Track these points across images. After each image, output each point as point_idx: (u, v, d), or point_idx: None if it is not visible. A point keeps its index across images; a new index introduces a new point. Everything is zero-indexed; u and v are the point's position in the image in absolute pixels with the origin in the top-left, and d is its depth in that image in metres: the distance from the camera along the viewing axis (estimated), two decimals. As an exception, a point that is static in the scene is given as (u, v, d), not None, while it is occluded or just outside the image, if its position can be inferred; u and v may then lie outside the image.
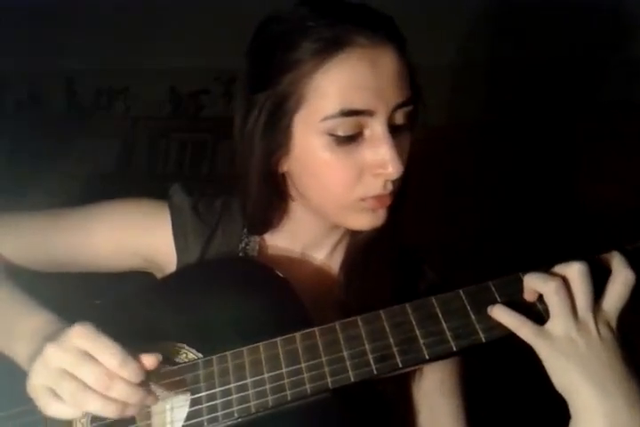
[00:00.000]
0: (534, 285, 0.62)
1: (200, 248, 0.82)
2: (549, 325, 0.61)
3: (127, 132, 2.41)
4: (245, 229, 0.83)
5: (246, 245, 0.82)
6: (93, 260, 0.83)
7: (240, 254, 0.82)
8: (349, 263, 0.81)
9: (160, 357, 0.63)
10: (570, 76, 1.94)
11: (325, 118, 0.66)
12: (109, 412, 0.60)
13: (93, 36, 2.28)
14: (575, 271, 0.60)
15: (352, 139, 0.67)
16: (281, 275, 0.73)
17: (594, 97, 1.91)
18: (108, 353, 0.60)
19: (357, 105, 0.65)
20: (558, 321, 0.60)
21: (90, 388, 0.59)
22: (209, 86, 2.36)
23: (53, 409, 0.60)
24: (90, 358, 0.60)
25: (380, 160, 0.68)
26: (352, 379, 0.62)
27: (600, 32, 1.89)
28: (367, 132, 0.68)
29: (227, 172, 2.23)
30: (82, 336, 0.60)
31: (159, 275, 0.85)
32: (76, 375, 0.59)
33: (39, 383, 0.60)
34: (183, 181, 0.87)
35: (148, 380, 0.63)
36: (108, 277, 0.86)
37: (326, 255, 0.83)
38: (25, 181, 2.12)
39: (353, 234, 0.81)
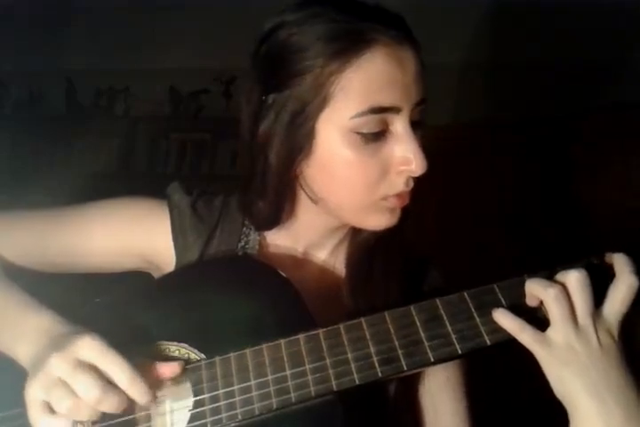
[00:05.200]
0: (535, 291, 0.62)
1: (199, 248, 0.81)
2: (549, 332, 0.61)
3: (127, 133, 2.41)
4: (245, 228, 0.82)
5: (245, 244, 0.82)
6: (91, 261, 0.83)
7: (239, 253, 0.82)
8: (353, 263, 0.80)
9: (183, 364, 0.64)
10: (572, 78, 1.94)
11: (354, 116, 0.66)
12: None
13: (93, 36, 2.28)
14: (573, 279, 0.60)
15: (377, 136, 0.67)
16: (282, 274, 0.72)
17: (596, 98, 1.91)
18: (119, 369, 0.59)
19: (386, 102, 0.66)
20: (558, 328, 0.60)
21: (82, 400, 0.58)
22: (209, 86, 2.36)
23: (42, 423, 0.59)
24: (89, 369, 0.59)
25: (405, 157, 0.68)
26: (357, 382, 0.62)
27: (603, 34, 1.89)
28: (391, 130, 0.68)
29: (227, 171, 2.25)
30: (91, 349, 0.60)
31: (157, 275, 0.85)
32: (75, 390, 0.58)
33: (36, 394, 0.60)
34: (183, 180, 0.86)
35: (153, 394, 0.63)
36: (108, 276, 0.85)
37: (328, 255, 0.83)
38: (25, 181, 2.12)
39: (355, 234, 0.81)
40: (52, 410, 0.59)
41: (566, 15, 1.89)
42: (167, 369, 0.64)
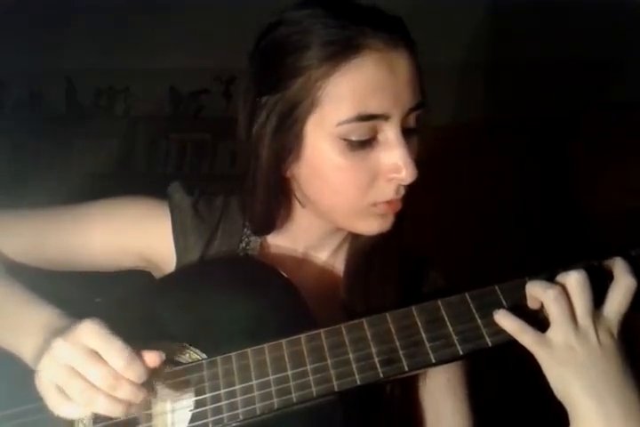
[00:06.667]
0: (535, 292, 0.62)
1: (200, 248, 0.81)
2: (549, 333, 0.61)
3: (127, 133, 2.41)
4: (246, 229, 0.82)
5: (247, 244, 0.82)
6: (90, 259, 0.83)
7: (240, 254, 0.82)
8: (352, 264, 0.80)
9: (163, 355, 0.63)
10: (573, 78, 1.94)
11: (340, 123, 0.65)
12: (115, 412, 0.60)
13: (93, 36, 2.28)
14: (573, 280, 0.60)
15: (366, 143, 0.67)
16: (284, 274, 0.72)
17: (596, 98, 1.92)
18: (115, 353, 0.60)
19: (374, 109, 0.65)
20: (557, 329, 0.60)
21: (96, 387, 0.59)
22: (209, 86, 2.36)
23: (63, 409, 0.60)
24: (97, 356, 0.60)
25: (394, 165, 0.67)
26: (358, 382, 0.62)
27: (603, 34, 1.89)
28: (381, 137, 0.67)
29: (227, 171, 2.25)
30: (90, 334, 0.60)
31: (157, 275, 0.85)
32: (82, 374, 0.59)
33: (48, 380, 0.60)
34: (183, 180, 0.86)
35: (152, 379, 0.63)
36: (109, 275, 0.85)
37: (329, 256, 0.83)
38: (25, 181, 2.12)
39: (355, 235, 0.81)
40: (67, 395, 0.60)
41: (566, 15, 1.89)
42: (148, 357, 0.62)
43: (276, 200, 0.75)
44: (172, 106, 2.41)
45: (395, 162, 0.67)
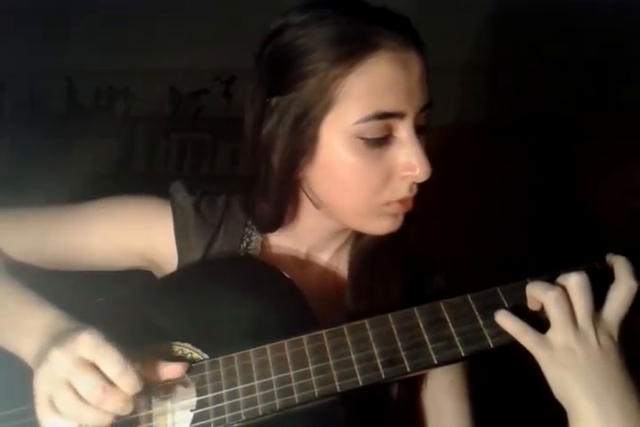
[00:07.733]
0: (535, 294, 0.62)
1: (202, 248, 0.81)
2: (549, 334, 0.61)
3: (127, 133, 2.40)
4: (247, 229, 0.82)
5: (248, 245, 0.82)
6: (91, 259, 0.83)
7: (242, 254, 0.82)
8: (355, 266, 0.80)
9: (187, 366, 0.64)
10: (575, 78, 1.94)
11: (358, 122, 0.66)
12: (102, 424, 0.60)
13: (93, 36, 2.28)
14: (573, 282, 0.60)
15: (381, 142, 0.67)
16: (286, 275, 0.72)
17: (598, 98, 1.92)
18: (110, 363, 0.60)
19: (390, 108, 0.65)
20: (558, 331, 0.60)
21: (85, 401, 0.59)
22: (209, 86, 2.36)
23: (50, 421, 0.60)
24: (89, 368, 0.60)
25: (409, 162, 0.68)
26: (360, 383, 0.62)
27: (604, 34, 1.89)
28: (395, 135, 0.68)
29: (227, 171, 2.24)
30: (86, 344, 0.60)
31: (158, 274, 0.85)
32: (73, 386, 0.59)
33: (42, 389, 0.60)
34: (183, 181, 0.86)
35: (147, 391, 0.63)
36: (110, 275, 0.85)
37: (331, 256, 0.83)
38: (25, 181, 2.12)
39: (358, 237, 0.81)
40: (56, 408, 0.60)
41: (567, 15, 1.90)
42: (172, 370, 0.64)
43: (284, 201, 0.75)
44: (172, 106, 2.41)
45: (409, 160, 0.68)
